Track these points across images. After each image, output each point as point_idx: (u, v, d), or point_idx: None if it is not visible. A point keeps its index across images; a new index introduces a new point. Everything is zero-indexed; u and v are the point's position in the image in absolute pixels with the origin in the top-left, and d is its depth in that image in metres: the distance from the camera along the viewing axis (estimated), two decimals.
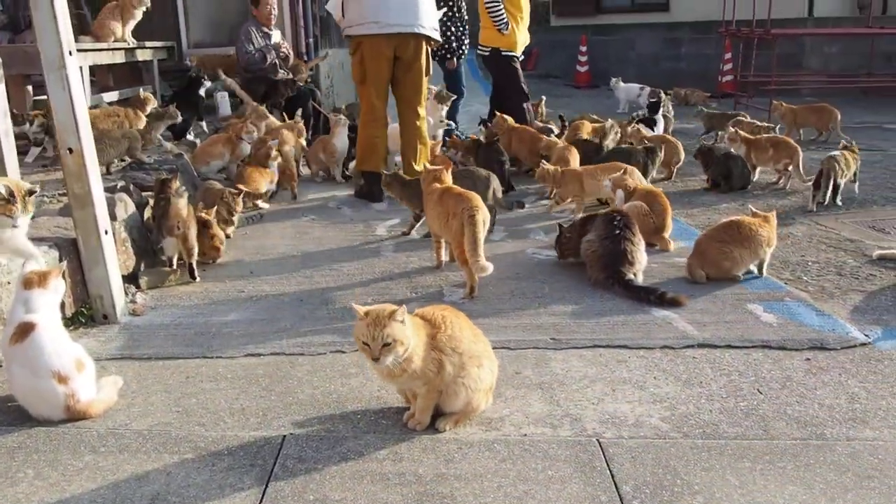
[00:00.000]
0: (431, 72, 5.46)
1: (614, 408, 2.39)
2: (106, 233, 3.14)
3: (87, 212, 3.08)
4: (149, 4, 6.52)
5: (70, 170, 3.04)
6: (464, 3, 7.94)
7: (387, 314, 2.05)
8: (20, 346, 2.30)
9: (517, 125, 6.42)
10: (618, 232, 3.57)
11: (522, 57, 7.35)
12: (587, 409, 2.38)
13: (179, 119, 5.68)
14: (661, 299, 3.26)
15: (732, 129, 5.89)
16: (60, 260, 3.06)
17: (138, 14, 6.47)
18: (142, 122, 5.46)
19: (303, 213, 5.12)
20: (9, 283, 2.79)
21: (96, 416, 2.36)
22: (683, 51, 14.79)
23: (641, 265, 3.59)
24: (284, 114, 7.34)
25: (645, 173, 5.16)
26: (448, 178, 3.88)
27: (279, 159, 5.38)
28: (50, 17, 2.90)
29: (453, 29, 7.72)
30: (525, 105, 7.27)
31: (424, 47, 5.26)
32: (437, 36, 5.31)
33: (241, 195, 4.50)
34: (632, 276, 3.46)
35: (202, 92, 6.63)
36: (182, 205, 3.75)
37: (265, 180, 5.20)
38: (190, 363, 2.78)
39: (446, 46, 7.65)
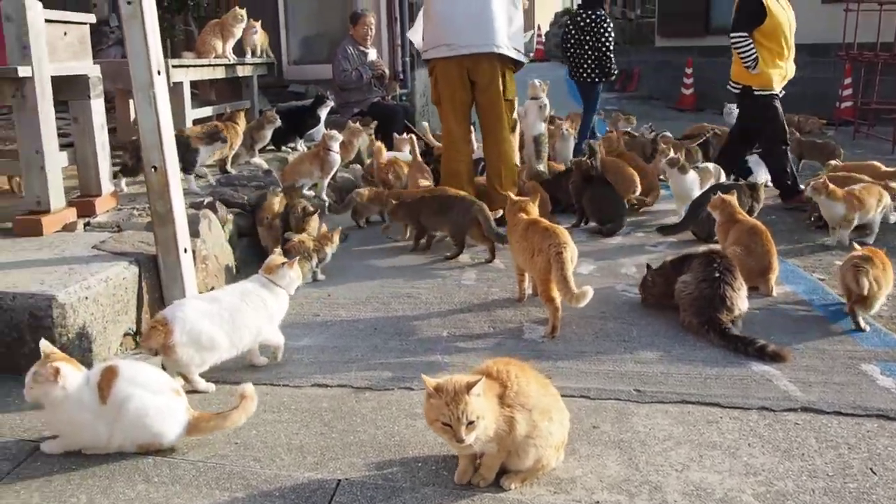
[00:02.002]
0: (515, 94, 5.25)
1: (700, 477, 2.15)
2: (185, 251, 3.14)
3: (168, 230, 3.09)
4: (246, 22, 6.67)
5: (153, 187, 3.05)
6: (609, 27, 8.11)
7: (464, 388, 1.87)
8: None
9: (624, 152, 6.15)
10: (717, 275, 3.30)
11: (782, 93, 6.15)
12: (669, 476, 2.15)
13: (279, 122, 5.76)
14: (762, 352, 2.97)
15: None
16: (140, 277, 3.07)
17: (238, 31, 6.63)
18: (239, 138, 5.54)
19: (387, 235, 5.05)
20: None
21: None
22: (798, 74, 14.06)
23: (741, 312, 3.29)
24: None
25: (749, 213, 4.83)
26: (534, 210, 3.71)
27: None
28: (141, 38, 2.93)
29: (602, 52, 8.19)
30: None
31: (500, 68, 5.02)
32: (517, 56, 5.07)
33: (316, 214, 4.43)
34: (729, 324, 3.18)
35: (322, 113, 6.65)
36: (275, 201, 4.17)
37: None
38: (257, 389, 2.69)
39: (595, 68, 8.25)
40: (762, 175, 6.81)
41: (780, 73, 5.95)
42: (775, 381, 2.77)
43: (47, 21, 3.52)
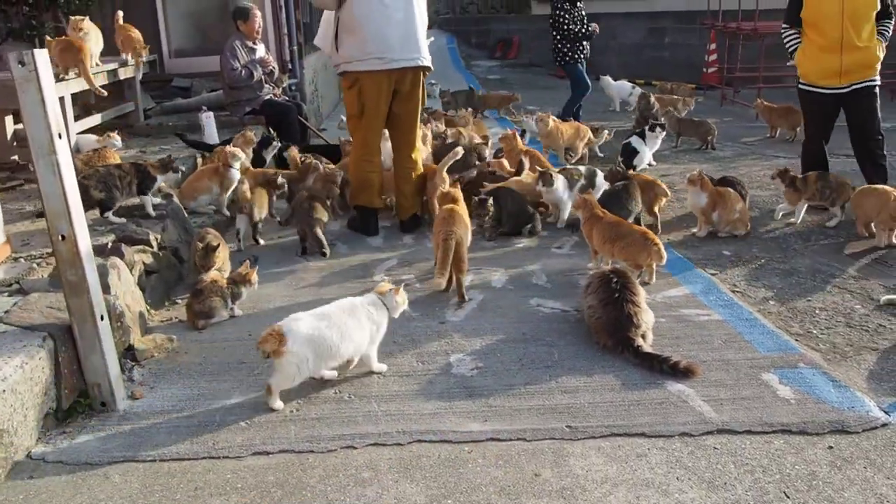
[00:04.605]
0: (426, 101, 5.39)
1: None
2: (102, 318, 3.01)
3: (82, 299, 2.94)
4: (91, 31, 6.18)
5: (63, 257, 2.90)
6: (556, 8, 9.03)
7: None
8: None
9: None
10: (617, 295, 3.50)
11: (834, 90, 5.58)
12: None
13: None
14: (675, 369, 3.18)
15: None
16: (56, 352, 2.93)
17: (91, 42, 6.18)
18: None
19: (296, 252, 4.99)
20: None
21: None
22: (667, 40, 14.69)
23: (648, 325, 3.51)
24: (270, 129, 7.18)
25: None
26: (460, 196, 4.42)
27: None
28: (37, 101, 2.74)
29: (559, 36, 9.15)
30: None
31: (421, 78, 5.16)
32: (431, 65, 5.19)
33: (220, 246, 4.29)
34: (640, 340, 3.39)
35: (267, 156, 6.45)
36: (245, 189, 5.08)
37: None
38: (197, 466, 2.68)
39: (564, 50, 9.15)
40: (646, 157, 7.17)
41: (822, 67, 5.51)
42: (691, 402, 2.99)
43: None
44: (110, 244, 3.94)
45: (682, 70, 13.19)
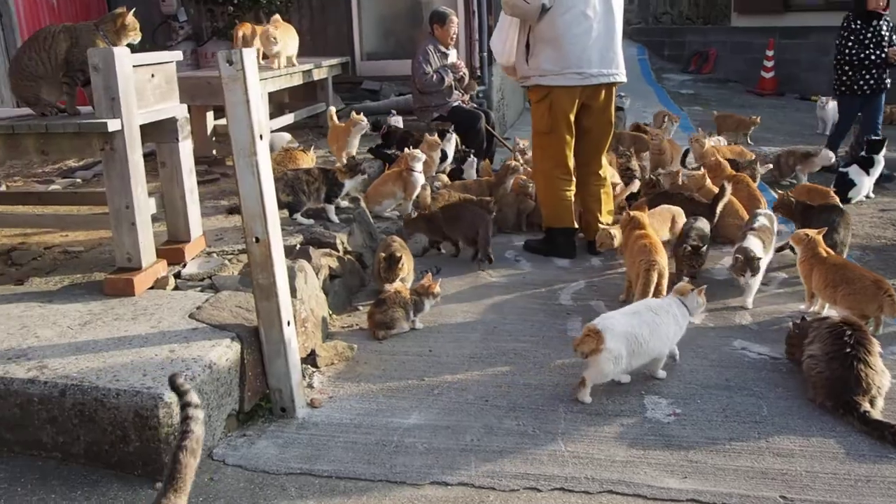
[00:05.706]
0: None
1: None
2: (288, 324, 2.96)
3: (271, 303, 2.90)
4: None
5: (256, 259, 2.87)
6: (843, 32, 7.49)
7: None
8: None
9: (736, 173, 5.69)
10: (848, 350, 2.98)
11: None
12: None
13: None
14: None
15: None
16: (242, 353, 2.91)
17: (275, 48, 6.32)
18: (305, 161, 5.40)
19: (478, 264, 4.80)
20: None
21: None
22: None
23: (882, 389, 2.96)
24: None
25: None
26: (646, 221, 4.20)
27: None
28: (242, 102, 2.72)
29: (839, 58, 7.49)
30: None
31: (614, 92, 4.87)
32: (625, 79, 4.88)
33: (403, 258, 4.12)
34: (868, 406, 2.87)
35: (448, 148, 6.47)
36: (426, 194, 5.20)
37: None
38: (373, 489, 2.53)
39: (843, 77, 7.44)
40: (864, 189, 6.37)
41: None
42: None
43: (134, 66, 3.36)
44: (298, 246, 3.94)
45: None
